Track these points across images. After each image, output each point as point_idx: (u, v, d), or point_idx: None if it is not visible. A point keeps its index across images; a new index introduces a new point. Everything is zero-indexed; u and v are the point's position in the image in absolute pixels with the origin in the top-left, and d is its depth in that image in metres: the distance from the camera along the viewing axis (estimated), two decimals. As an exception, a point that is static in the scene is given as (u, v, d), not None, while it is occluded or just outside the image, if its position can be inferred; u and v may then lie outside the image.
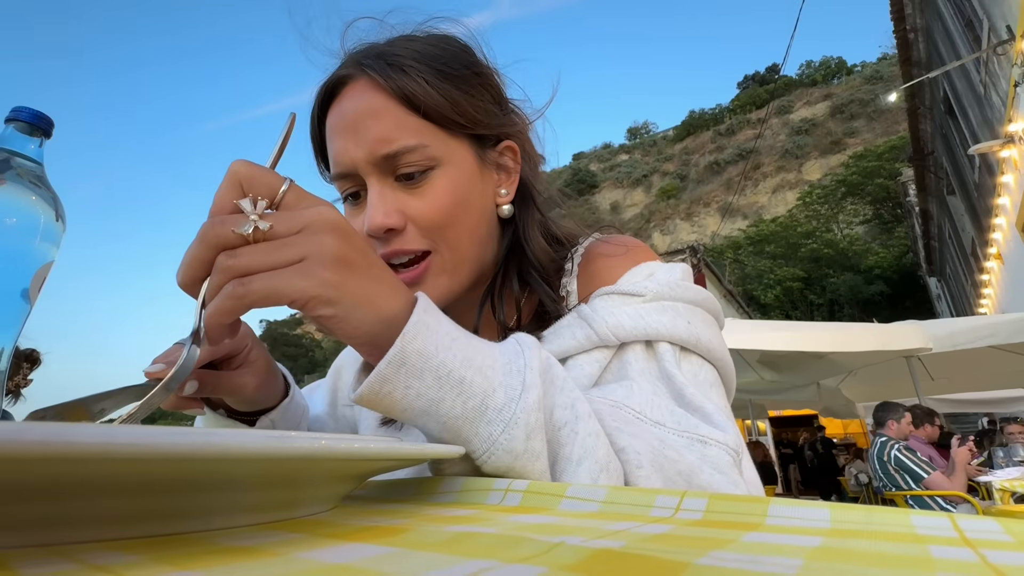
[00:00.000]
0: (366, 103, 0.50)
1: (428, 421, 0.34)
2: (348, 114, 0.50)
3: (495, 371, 0.35)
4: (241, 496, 0.23)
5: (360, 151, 0.49)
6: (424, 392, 0.33)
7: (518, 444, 0.33)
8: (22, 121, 0.45)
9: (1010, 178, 5.98)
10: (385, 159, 0.49)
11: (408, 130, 0.49)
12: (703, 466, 0.39)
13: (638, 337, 0.47)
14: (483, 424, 0.34)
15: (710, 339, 0.48)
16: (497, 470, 0.34)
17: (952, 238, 11.78)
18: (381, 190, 0.49)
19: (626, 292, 0.49)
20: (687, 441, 0.40)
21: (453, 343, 0.35)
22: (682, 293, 0.49)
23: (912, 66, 8.44)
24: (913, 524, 0.20)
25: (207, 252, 0.32)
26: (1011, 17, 4.94)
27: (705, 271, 15.19)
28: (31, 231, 0.43)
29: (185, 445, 0.17)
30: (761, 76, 79.90)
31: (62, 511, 0.18)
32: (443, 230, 0.50)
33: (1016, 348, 4.68)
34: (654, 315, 0.47)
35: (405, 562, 0.17)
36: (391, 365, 0.33)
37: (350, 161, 0.50)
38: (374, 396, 0.33)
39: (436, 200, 0.50)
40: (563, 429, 0.36)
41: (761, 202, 52.49)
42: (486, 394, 0.34)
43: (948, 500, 3.22)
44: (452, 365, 0.34)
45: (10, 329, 0.42)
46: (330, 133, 0.52)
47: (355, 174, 0.50)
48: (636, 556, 0.16)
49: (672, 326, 0.47)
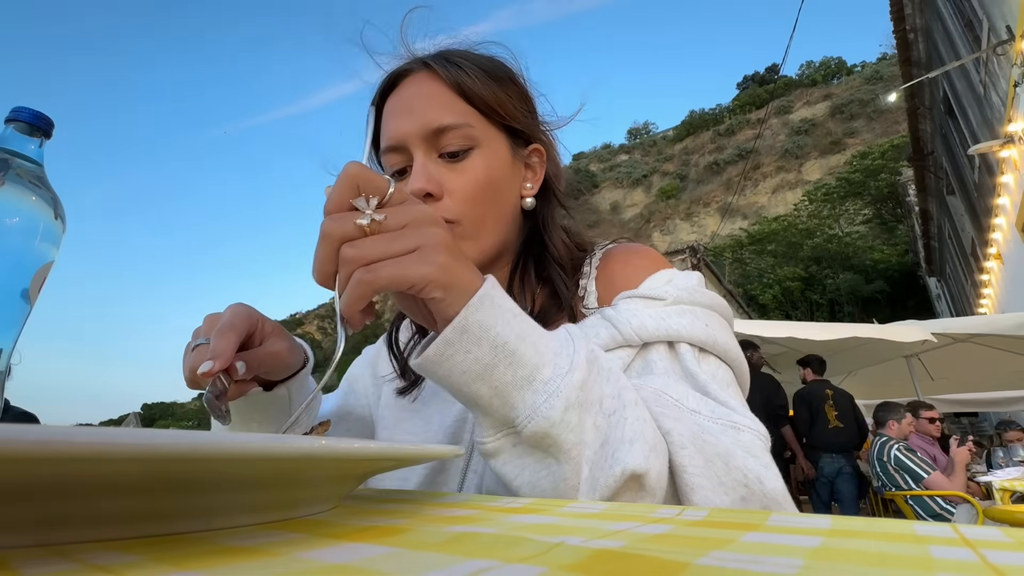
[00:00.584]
0: (425, 89, 0.57)
1: (481, 386, 0.38)
2: (406, 98, 0.57)
3: (548, 349, 0.39)
4: (241, 496, 0.23)
5: (413, 126, 0.55)
6: (481, 358, 0.37)
7: (556, 413, 0.36)
8: (22, 121, 0.45)
9: (1010, 178, 5.98)
10: (434, 133, 0.55)
11: (456, 112, 0.56)
12: (737, 450, 0.42)
13: (660, 338, 0.50)
14: (529, 392, 0.37)
15: (726, 341, 0.52)
16: (535, 435, 0.37)
17: (952, 238, 11.78)
18: (425, 161, 0.55)
19: (648, 296, 0.53)
20: (721, 427, 0.44)
21: (513, 319, 0.38)
22: (700, 298, 0.53)
23: (912, 66, 8.44)
24: (913, 526, 0.20)
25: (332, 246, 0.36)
26: (1011, 17, 4.94)
27: (705, 271, 15.19)
28: (31, 231, 0.43)
29: (185, 445, 0.17)
30: (761, 76, 79.91)
31: (62, 511, 0.18)
32: (473, 204, 0.55)
33: (1016, 348, 4.68)
34: (675, 318, 0.51)
35: (405, 562, 0.17)
36: (455, 331, 0.37)
37: (402, 135, 0.55)
38: (438, 357, 0.37)
39: (472, 177, 0.55)
40: (614, 415, 0.39)
41: (761, 202, 52.47)
42: (536, 367, 0.38)
43: (948, 500, 3.22)
44: (508, 337, 0.37)
45: (10, 329, 0.42)
46: (387, 116, 0.58)
47: (405, 147, 0.56)
48: (636, 556, 0.16)
49: (692, 328, 0.50)
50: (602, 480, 0.37)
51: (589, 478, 0.37)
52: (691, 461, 0.40)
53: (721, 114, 72.70)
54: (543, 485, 0.38)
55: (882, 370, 5.77)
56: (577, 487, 0.37)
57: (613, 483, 0.37)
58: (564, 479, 0.37)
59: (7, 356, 0.42)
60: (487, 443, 0.40)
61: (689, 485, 0.39)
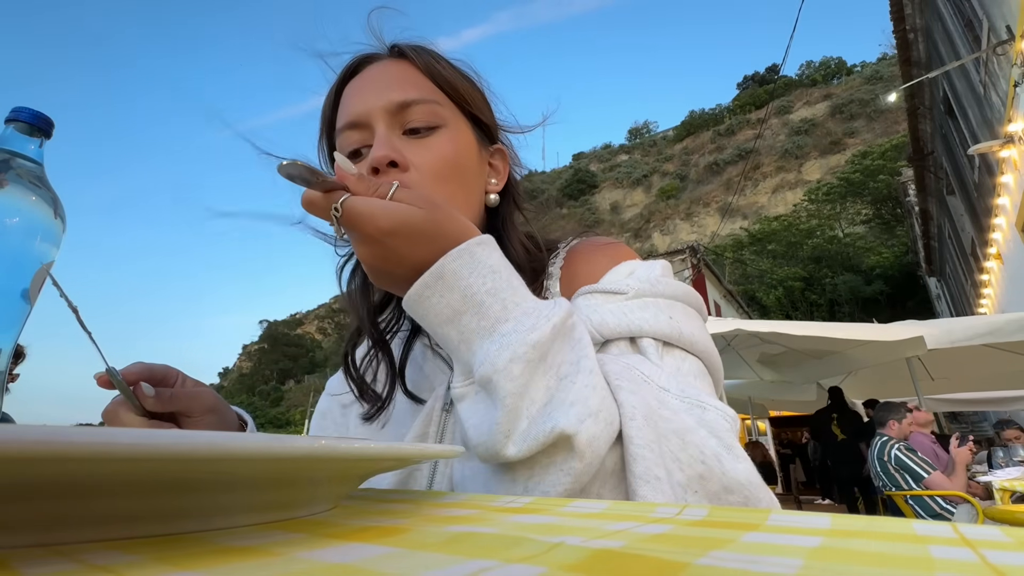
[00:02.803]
0: (392, 69, 0.55)
1: (450, 330, 0.41)
2: (372, 77, 0.55)
3: (517, 308, 0.41)
4: (241, 496, 0.23)
5: (377, 101, 0.53)
6: (452, 303, 0.41)
7: (501, 362, 0.38)
8: (22, 121, 0.45)
9: (1010, 178, 5.98)
10: (399, 107, 0.53)
11: (424, 89, 0.54)
12: (699, 428, 0.41)
13: (622, 334, 0.48)
14: (488, 340, 0.40)
15: (692, 332, 0.50)
16: (481, 379, 0.39)
17: (952, 238, 11.78)
18: (388, 134, 0.52)
19: (608, 291, 0.51)
20: (687, 405, 0.43)
21: (490, 274, 0.41)
22: (663, 289, 0.51)
23: (912, 66, 8.43)
24: (913, 526, 0.20)
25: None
26: (1011, 17, 4.93)
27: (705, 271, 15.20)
28: (31, 231, 0.43)
29: (185, 445, 0.17)
30: (761, 76, 79.89)
31: (62, 511, 0.18)
32: (441, 182, 0.53)
33: (1016, 348, 4.68)
34: (637, 312, 0.49)
35: (405, 562, 0.17)
36: (432, 275, 0.41)
37: (364, 109, 0.53)
38: (416, 296, 0.41)
39: (438, 152, 0.53)
40: (564, 379, 0.40)
41: (761, 202, 52.44)
42: (498, 320, 0.40)
43: (948, 500, 3.22)
44: (477, 290, 0.40)
45: (10, 329, 0.42)
46: (348, 96, 0.56)
47: (366, 123, 0.53)
48: (636, 556, 0.16)
49: (655, 322, 0.49)
50: (532, 434, 0.38)
51: (524, 431, 0.38)
52: (638, 432, 0.39)
53: (721, 114, 72.68)
54: (482, 427, 0.39)
55: (882, 370, 5.76)
56: (509, 435, 0.38)
57: (542, 438, 0.37)
58: (496, 423, 0.38)
59: (7, 356, 0.42)
60: (456, 387, 0.42)
61: (632, 455, 0.39)
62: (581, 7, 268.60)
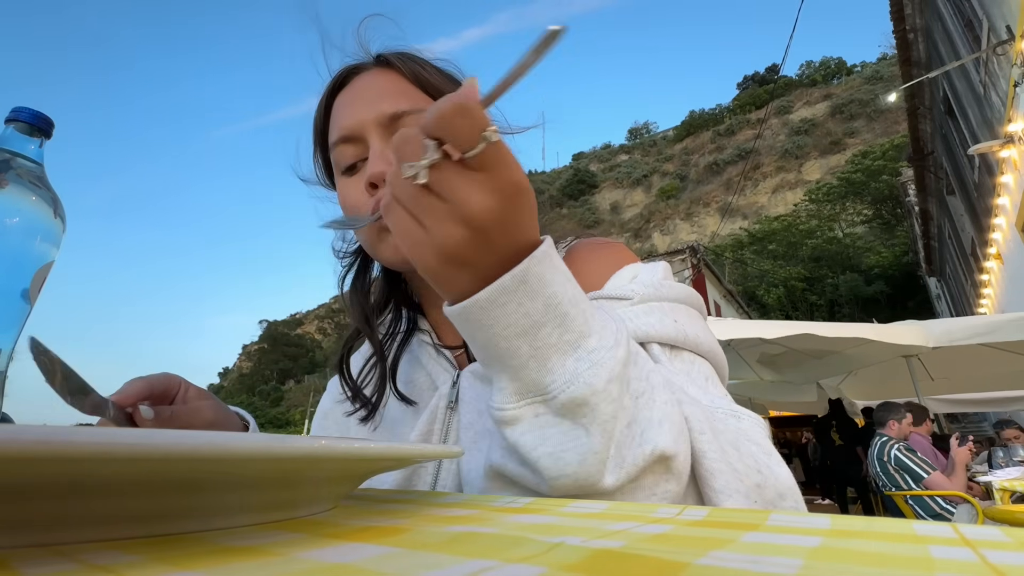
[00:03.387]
0: (380, 80, 0.56)
1: (523, 343, 0.35)
2: (361, 88, 0.55)
3: (595, 320, 0.37)
4: (241, 496, 0.23)
5: (369, 114, 0.53)
6: (531, 313, 0.34)
7: (599, 382, 0.35)
8: (22, 122, 0.45)
9: (1010, 178, 5.98)
10: (391, 118, 0.53)
11: (414, 99, 0.55)
12: (742, 437, 0.42)
13: None
14: (572, 359, 0.35)
15: (697, 333, 0.50)
16: (571, 401, 0.35)
17: (952, 238, 11.78)
18: (382, 147, 0.53)
19: (614, 296, 0.51)
20: (724, 416, 0.43)
21: (567, 281, 0.36)
22: (666, 292, 0.52)
23: (912, 66, 8.44)
24: (913, 526, 0.20)
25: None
26: (1011, 17, 4.93)
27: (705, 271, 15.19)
28: (31, 232, 0.43)
29: (185, 445, 0.17)
30: (761, 76, 79.90)
31: (62, 511, 0.18)
32: None
33: (1016, 348, 4.68)
34: (642, 317, 0.49)
35: (405, 562, 0.17)
36: (514, 279, 0.34)
37: (357, 123, 0.53)
38: (489, 304, 0.34)
39: None
40: (642, 396, 0.38)
41: (761, 202, 52.44)
42: (582, 334, 0.36)
43: (948, 500, 3.22)
44: (562, 298, 0.35)
45: (10, 329, 0.42)
46: (339, 108, 0.56)
47: (359, 137, 0.54)
48: (636, 556, 0.16)
49: (660, 326, 0.49)
50: (629, 458, 0.35)
51: (616, 456, 0.35)
52: (710, 446, 0.38)
53: (721, 114, 72.67)
54: (568, 457, 0.35)
55: (882, 371, 5.76)
56: (606, 462, 0.35)
57: (641, 462, 0.35)
58: (594, 451, 0.35)
59: (7, 356, 0.42)
60: (507, 410, 0.37)
61: (709, 471, 0.38)
62: (581, 7, 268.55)
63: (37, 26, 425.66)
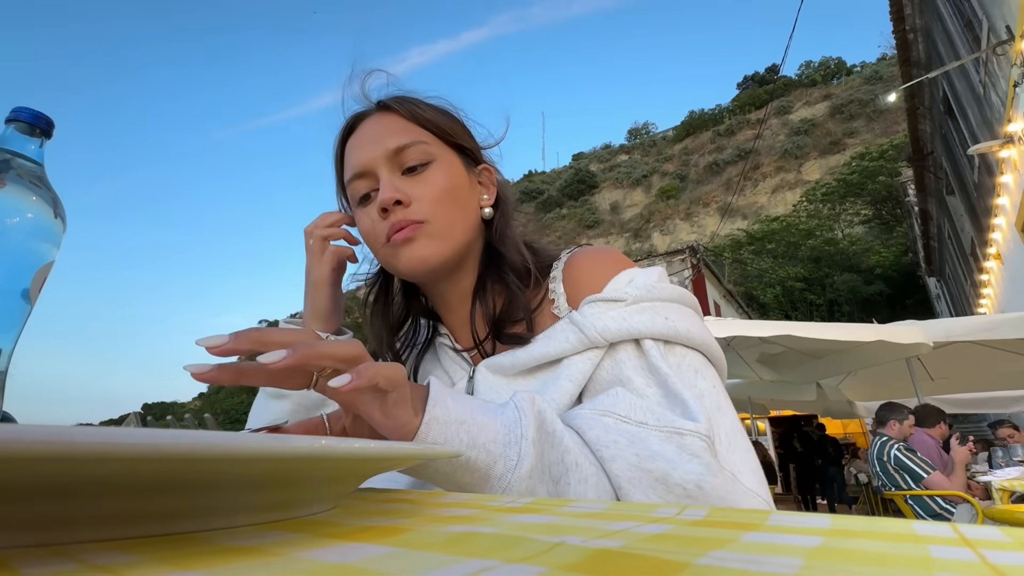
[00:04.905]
0: (383, 122, 0.64)
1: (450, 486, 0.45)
2: (368, 131, 0.64)
3: (496, 445, 0.44)
4: (241, 496, 0.23)
5: (376, 152, 0.61)
6: (441, 468, 0.44)
7: None
8: (22, 122, 0.45)
9: (1009, 178, 5.98)
10: (395, 152, 0.61)
11: (412, 133, 0.63)
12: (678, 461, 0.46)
13: (624, 337, 0.54)
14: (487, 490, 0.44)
15: (688, 328, 0.55)
16: None
17: (951, 238, 11.78)
18: (390, 177, 0.61)
19: (610, 299, 0.57)
20: (666, 435, 0.47)
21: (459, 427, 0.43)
22: (659, 293, 0.57)
23: (911, 66, 8.43)
24: (913, 526, 0.20)
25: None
26: (1011, 17, 4.93)
27: (704, 271, 15.19)
28: (32, 232, 0.43)
29: (185, 445, 0.17)
30: (761, 76, 79.89)
31: (62, 511, 0.18)
32: (439, 206, 0.60)
33: (1016, 348, 4.68)
34: (636, 316, 0.55)
35: (405, 562, 0.17)
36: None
37: (366, 160, 0.62)
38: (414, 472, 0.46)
39: (433, 184, 0.61)
40: (559, 483, 0.45)
41: (760, 202, 52.44)
42: (488, 467, 0.44)
43: (948, 500, 3.22)
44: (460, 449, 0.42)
45: (11, 329, 0.42)
46: (350, 151, 0.64)
47: (370, 172, 0.62)
48: (636, 556, 0.16)
49: (652, 324, 0.54)
50: None
51: None
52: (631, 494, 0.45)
53: (721, 114, 72.62)
54: None
55: (881, 371, 5.76)
56: None
57: None
58: None
59: (7, 356, 0.42)
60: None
61: None
62: (580, 9, 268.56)
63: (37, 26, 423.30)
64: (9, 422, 0.43)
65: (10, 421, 0.43)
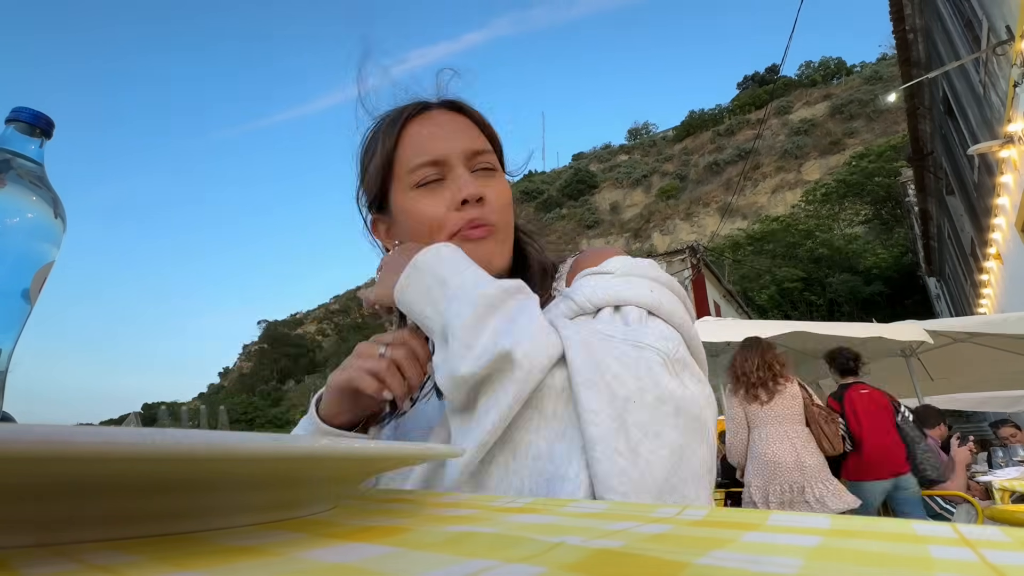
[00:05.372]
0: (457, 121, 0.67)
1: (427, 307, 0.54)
2: (441, 123, 0.66)
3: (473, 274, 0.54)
4: (241, 496, 0.23)
5: (455, 146, 0.64)
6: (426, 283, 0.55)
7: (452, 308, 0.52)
8: (22, 122, 0.45)
9: (1009, 178, 5.98)
10: (473, 154, 0.65)
11: (483, 142, 0.67)
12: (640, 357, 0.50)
13: (608, 302, 0.57)
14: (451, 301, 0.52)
15: (672, 305, 0.57)
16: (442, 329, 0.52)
17: (951, 238, 11.78)
18: (467, 174, 0.64)
19: (599, 271, 0.61)
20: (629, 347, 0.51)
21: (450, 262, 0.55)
22: (646, 271, 0.60)
23: (911, 66, 8.43)
24: (913, 526, 0.20)
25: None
26: (1011, 17, 4.93)
27: (704, 271, 15.18)
28: (32, 232, 0.43)
29: (185, 445, 0.17)
30: (760, 76, 79.87)
31: (62, 511, 0.18)
32: (504, 214, 0.65)
33: (1016, 348, 4.68)
34: (621, 285, 0.58)
35: (405, 562, 0.17)
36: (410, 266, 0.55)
37: (445, 151, 0.64)
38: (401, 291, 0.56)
39: (501, 191, 0.66)
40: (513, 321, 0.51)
41: (760, 202, 52.43)
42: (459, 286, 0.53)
43: (948, 500, 3.22)
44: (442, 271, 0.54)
45: (11, 329, 0.42)
46: (419, 136, 0.65)
47: (445, 162, 0.64)
48: (636, 556, 0.16)
49: (636, 293, 0.57)
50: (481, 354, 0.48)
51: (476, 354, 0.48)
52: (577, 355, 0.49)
53: (721, 114, 72.60)
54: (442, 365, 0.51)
55: (881, 370, 5.76)
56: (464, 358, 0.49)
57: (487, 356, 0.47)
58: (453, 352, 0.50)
59: (7, 356, 0.42)
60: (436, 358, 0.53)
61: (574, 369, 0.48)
62: (580, 11, 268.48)
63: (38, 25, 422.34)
64: (9, 422, 0.43)
65: (10, 421, 0.43)
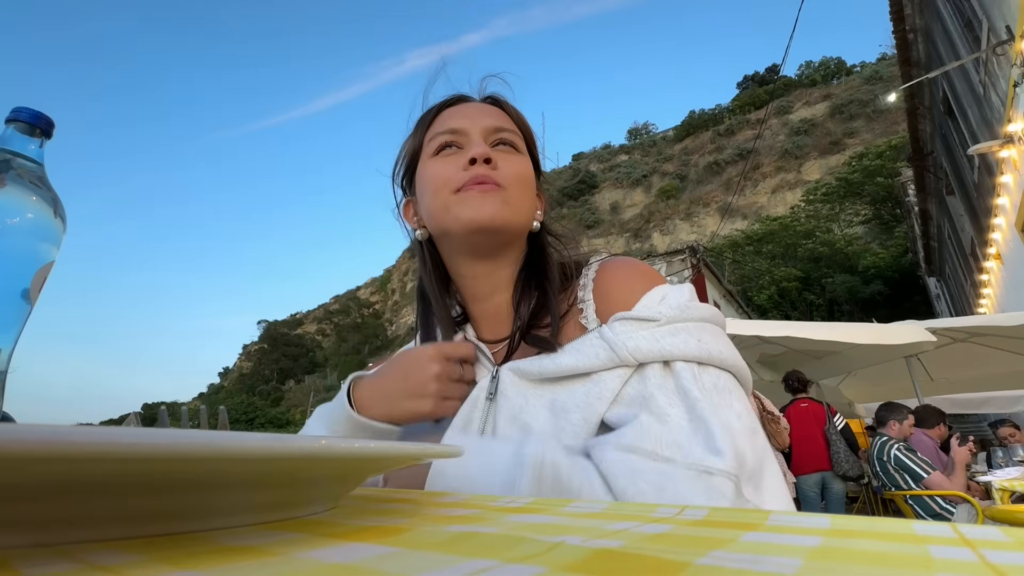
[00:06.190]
0: (488, 109, 0.71)
1: None
2: (471, 108, 0.70)
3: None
4: (241, 496, 0.23)
5: (477, 122, 0.67)
6: None
7: None
8: (22, 122, 0.45)
9: (1009, 178, 5.98)
10: (493, 130, 0.67)
11: (507, 121, 0.70)
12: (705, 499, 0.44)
13: (655, 358, 0.54)
14: None
15: (721, 350, 0.55)
16: None
17: (951, 238, 11.78)
18: (483, 143, 0.65)
19: (643, 318, 0.56)
20: (695, 473, 0.45)
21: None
22: (692, 314, 0.56)
23: (911, 66, 8.43)
24: (913, 526, 0.20)
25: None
26: (1011, 17, 4.93)
27: (704, 271, 15.18)
28: (32, 232, 0.43)
29: (185, 445, 0.17)
30: (761, 76, 79.86)
31: (62, 511, 0.18)
32: (517, 182, 0.65)
33: (1016, 348, 4.68)
34: (668, 338, 0.54)
35: (405, 562, 0.17)
36: None
37: (464, 124, 0.67)
38: None
39: (518, 164, 0.67)
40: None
41: (760, 202, 52.42)
42: None
43: (948, 500, 3.22)
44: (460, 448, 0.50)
45: (11, 329, 0.42)
46: (448, 115, 0.69)
47: (463, 132, 0.66)
48: (636, 556, 0.16)
49: (685, 346, 0.53)
50: None
51: None
52: None
53: (721, 114, 72.57)
54: None
55: (881, 370, 5.77)
56: None
57: None
58: None
59: (7, 356, 0.42)
60: None
61: None
62: (580, 11, 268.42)
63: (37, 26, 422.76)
64: (9, 422, 0.43)
65: (10, 421, 0.43)
